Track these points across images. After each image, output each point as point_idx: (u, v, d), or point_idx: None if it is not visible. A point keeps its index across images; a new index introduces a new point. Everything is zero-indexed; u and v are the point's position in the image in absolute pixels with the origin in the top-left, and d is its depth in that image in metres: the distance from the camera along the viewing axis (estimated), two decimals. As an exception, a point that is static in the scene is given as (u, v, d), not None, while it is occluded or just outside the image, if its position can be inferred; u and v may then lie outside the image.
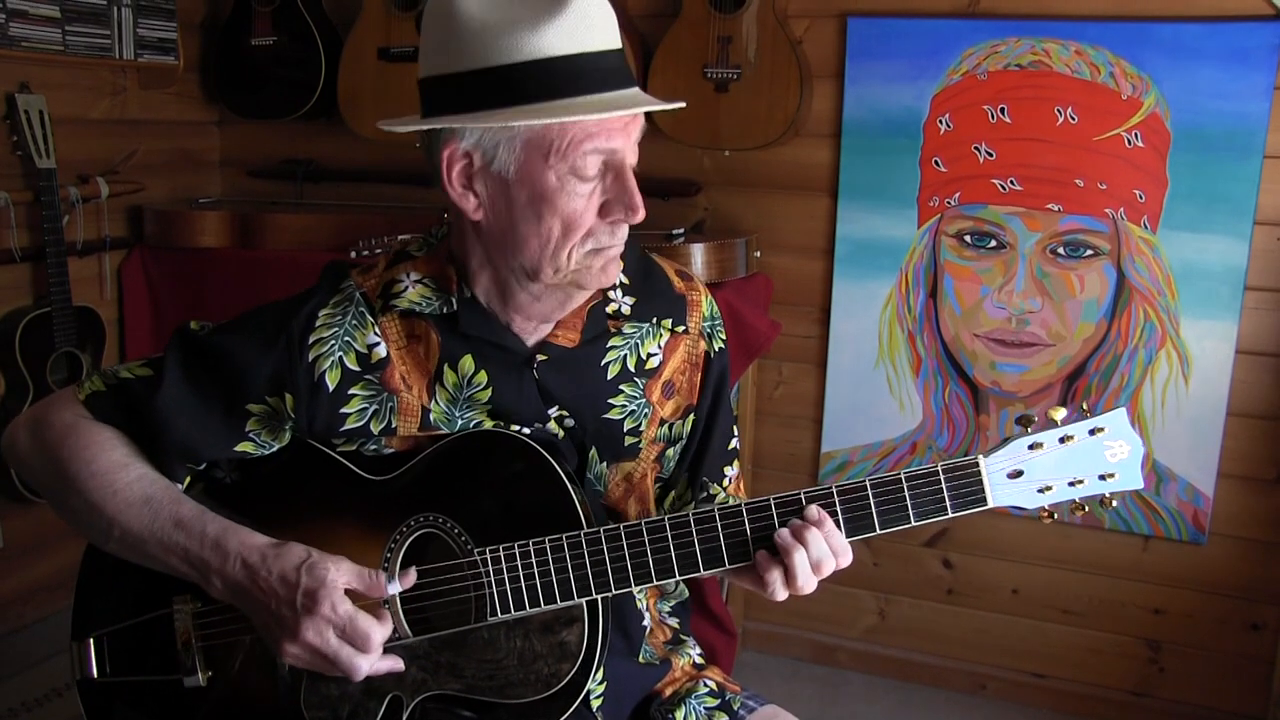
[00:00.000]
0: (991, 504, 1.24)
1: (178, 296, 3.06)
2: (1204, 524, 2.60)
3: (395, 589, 1.23)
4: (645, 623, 1.49)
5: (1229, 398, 2.55)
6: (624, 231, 1.27)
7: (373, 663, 1.21)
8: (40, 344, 2.75)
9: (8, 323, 2.74)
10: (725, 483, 1.51)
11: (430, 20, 1.23)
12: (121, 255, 3.10)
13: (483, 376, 1.33)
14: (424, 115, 1.25)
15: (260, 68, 3.15)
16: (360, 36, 2.99)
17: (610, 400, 1.39)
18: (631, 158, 1.25)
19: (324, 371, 1.30)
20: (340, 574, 1.20)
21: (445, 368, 1.32)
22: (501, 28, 1.17)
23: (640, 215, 1.24)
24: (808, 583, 1.23)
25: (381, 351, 1.31)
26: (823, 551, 1.22)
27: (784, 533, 1.23)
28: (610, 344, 1.39)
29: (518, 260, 1.26)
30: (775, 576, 1.23)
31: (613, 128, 1.20)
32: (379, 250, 2.73)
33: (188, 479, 1.33)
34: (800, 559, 1.22)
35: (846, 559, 1.25)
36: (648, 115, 1.26)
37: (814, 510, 1.23)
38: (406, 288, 1.32)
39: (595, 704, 1.37)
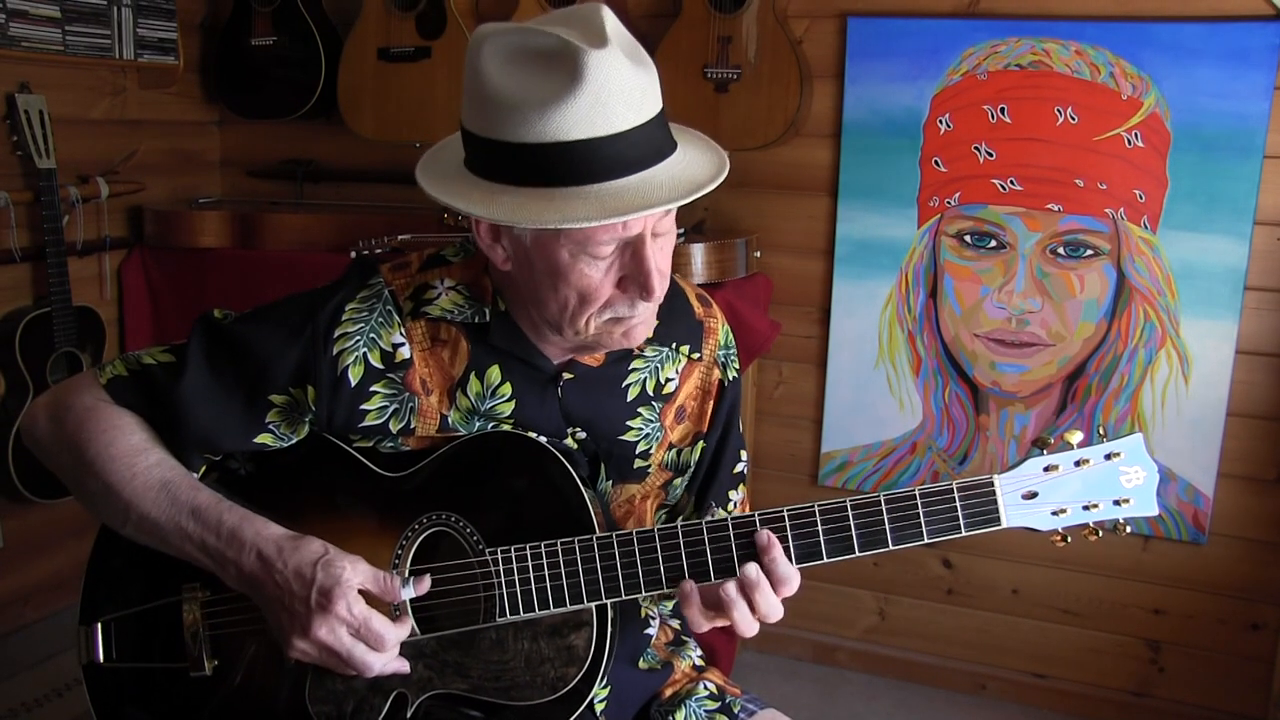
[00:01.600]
0: (1005, 524, 1.23)
1: (178, 296, 3.05)
2: (1204, 524, 2.61)
3: (409, 594, 1.22)
4: (650, 630, 1.49)
5: (1229, 398, 2.55)
6: (644, 306, 1.24)
7: (386, 661, 1.21)
8: (40, 344, 2.75)
9: (8, 323, 2.73)
10: (730, 507, 1.50)
11: (467, 66, 1.20)
12: (121, 255, 3.09)
13: (507, 389, 1.33)
14: (465, 159, 1.24)
15: (260, 68, 3.15)
16: (360, 37, 2.99)
17: (628, 423, 1.39)
18: (658, 234, 1.21)
19: (347, 366, 1.29)
20: (356, 574, 1.19)
21: (471, 376, 1.32)
22: (514, 105, 1.13)
23: (655, 296, 1.21)
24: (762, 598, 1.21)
25: (405, 352, 1.31)
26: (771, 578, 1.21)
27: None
28: (632, 365, 1.39)
29: (541, 314, 1.27)
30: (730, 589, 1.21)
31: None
32: (379, 250, 2.73)
33: (203, 468, 1.33)
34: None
35: (793, 586, 1.23)
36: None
37: (764, 535, 1.22)
38: (440, 294, 1.32)
39: (599, 708, 1.38)
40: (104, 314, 2.93)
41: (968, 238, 2.70)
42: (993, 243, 2.68)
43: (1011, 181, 2.64)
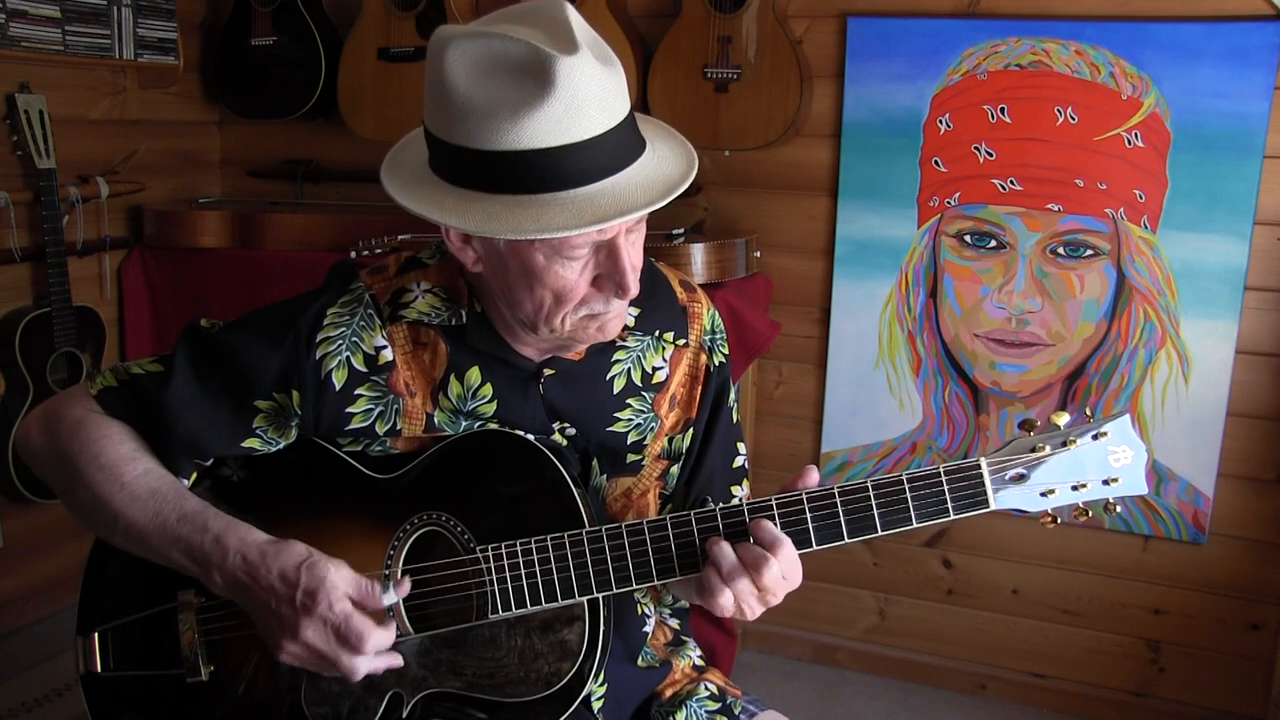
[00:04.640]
0: (993, 506, 1.22)
1: (178, 296, 3.06)
2: (1204, 524, 2.60)
3: (391, 599, 1.22)
4: (647, 628, 1.49)
5: (1229, 398, 2.55)
6: (619, 301, 1.24)
7: (370, 664, 1.21)
8: (40, 344, 2.75)
9: (8, 323, 2.73)
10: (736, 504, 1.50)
11: (427, 70, 1.19)
12: (121, 255, 3.10)
13: (488, 389, 1.33)
14: (429, 160, 1.24)
15: (260, 68, 3.15)
16: (360, 36, 2.99)
17: (616, 414, 1.39)
18: (631, 231, 1.21)
19: (331, 370, 1.30)
20: (340, 577, 1.20)
21: (451, 378, 1.33)
22: (483, 111, 1.12)
23: (631, 293, 1.22)
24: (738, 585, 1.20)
25: (388, 355, 1.32)
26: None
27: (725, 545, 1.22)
28: (615, 357, 1.39)
29: (515, 314, 1.27)
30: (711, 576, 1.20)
31: None
32: (379, 250, 2.73)
33: (194, 475, 1.34)
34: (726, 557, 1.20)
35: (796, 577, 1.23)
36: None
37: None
38: (416, 297, 1.33)
39: (596, 705, 1.38)
40: (104, 314, 2.94)
41: (968, 238, 2.70)
42: (993, 243, 2.68)
43: (1011, 181, 2.64)
